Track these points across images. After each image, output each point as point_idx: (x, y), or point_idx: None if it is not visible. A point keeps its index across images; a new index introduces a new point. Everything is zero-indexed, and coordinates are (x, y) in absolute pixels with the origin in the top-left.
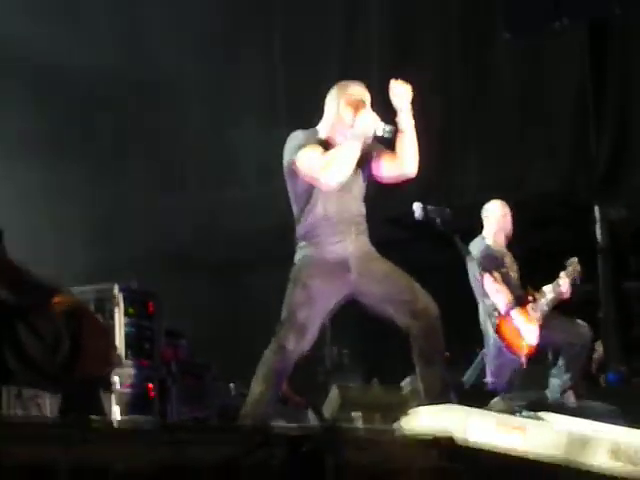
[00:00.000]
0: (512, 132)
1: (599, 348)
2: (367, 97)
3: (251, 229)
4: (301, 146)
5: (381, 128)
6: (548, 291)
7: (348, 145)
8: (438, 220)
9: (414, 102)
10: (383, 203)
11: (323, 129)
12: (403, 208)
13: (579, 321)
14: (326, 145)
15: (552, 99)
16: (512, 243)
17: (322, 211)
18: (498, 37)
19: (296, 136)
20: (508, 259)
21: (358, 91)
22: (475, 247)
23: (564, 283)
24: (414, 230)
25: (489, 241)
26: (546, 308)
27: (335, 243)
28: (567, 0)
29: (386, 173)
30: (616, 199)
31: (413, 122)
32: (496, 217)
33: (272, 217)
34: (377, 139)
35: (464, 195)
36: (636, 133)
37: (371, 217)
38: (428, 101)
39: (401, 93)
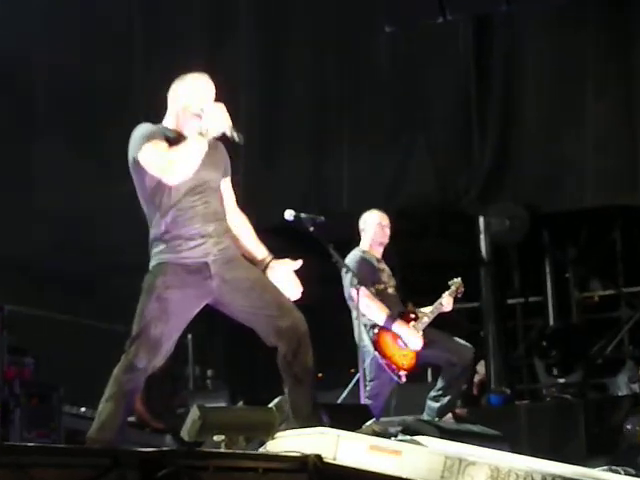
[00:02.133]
0: (389, 134)
1: (481, 369)
2: (212, 89)
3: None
4: (145, 141)
5: (230, 129)
6: (430, 311)
7: (193, 141)
8: (311, 228)
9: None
10: (254, 211)
11: (169, 122)
12: (275, 216)
13: (462, 340)
14: (173, 138)
15: (433, 100)
16: (387, 256)
17: (178, 210)
18: (378, 32)
19: (140, 130)
20: (385, 274)
21: (203, 82)
22: (350, 259)
23: (447, 303)
24: (286, 240)
25: (366, 254)
26: (426, 325)
27: (195, 246)
28: None
29: None
30: (501, 209)
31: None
32: (374, 228)
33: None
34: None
35: (337, 203)
36: (519, 139)
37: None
38: (299, 99)
39: (217, 117)
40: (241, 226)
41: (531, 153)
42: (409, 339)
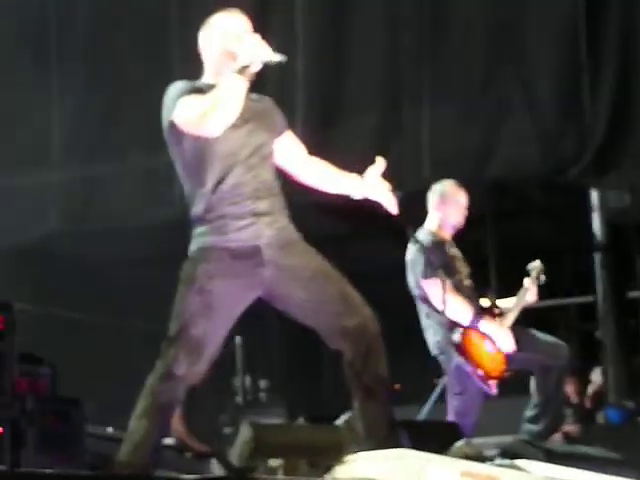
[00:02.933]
0: (478, 88)
1: (597, 378)
2: (248, 26)
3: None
4: (177, 98)
5: (271, 55)
6: (513, 304)
7: (230, 80)
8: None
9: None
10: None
11: (208, 77)
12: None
13: (555, 339)
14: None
15: (534, 43)
16: (476, 240)
17: (224, 182)
18: None
19: (172, 90)
20: (459, 262)
21: (237, 21)
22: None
23: (531, 293)
24: (356, 222)
25: (435, 237)
26: (511, 322)
27: (244, 227)
28: None
29: (283, 164)
30: (619, 180)
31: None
32: (446, 204)
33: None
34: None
35: (415, 173)
36: None
37: (300, 205)
38: (367, 48)
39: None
40: (325, 171)
41: None
42: (500, 338)
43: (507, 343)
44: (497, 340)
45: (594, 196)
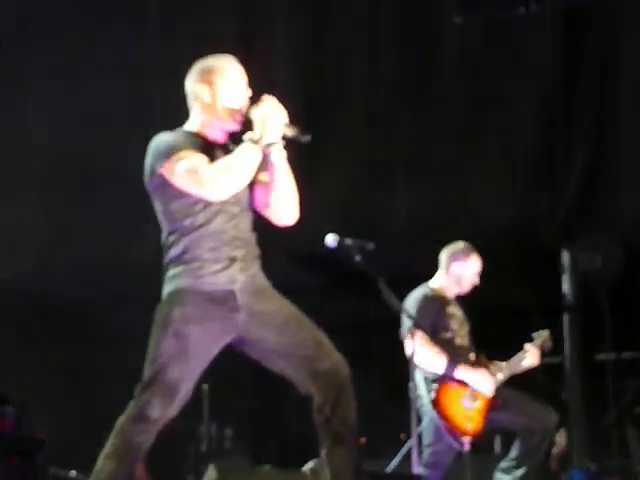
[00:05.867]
0: (454, 149)
1: (561, 439)
2: (244, 75)
3: (109, 258)
4: (171, 151)
5: (291, 129)
6: (505, 366)
7: (247, 150)
8: (358, 257)
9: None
10: (288, 237)
11: (192, 125)
12: (315, 244)
13: (542, 403)
14: (203, 145)
15: (510, 105)
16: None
17: (203, 228)
18: (444, 21)
19: (162, 139)
20: (456, 320)
21: (237, 69)
22: (412, 298)
23: (531, 357)
24: (328, 273)
25: (433, 292)
26: (500, 383)
27: (219, 271)
28: None
29: (259, 210)
30: (591, 242)
31: (284, 157)
32: (457, 265)
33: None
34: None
35: (389, 232)
36: (616, 157)
37: (272, 254)
38: (348, 106)
39: (268, 112)
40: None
41: (630, 174)
42: (478, 383)
43: (485, 387)
44: (475, 384)
45: (565, 257)
